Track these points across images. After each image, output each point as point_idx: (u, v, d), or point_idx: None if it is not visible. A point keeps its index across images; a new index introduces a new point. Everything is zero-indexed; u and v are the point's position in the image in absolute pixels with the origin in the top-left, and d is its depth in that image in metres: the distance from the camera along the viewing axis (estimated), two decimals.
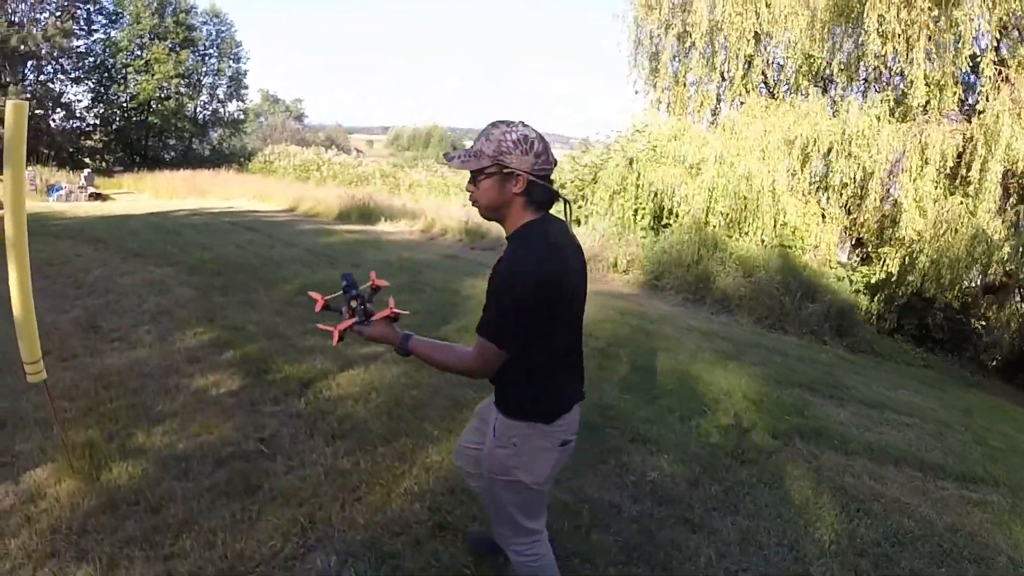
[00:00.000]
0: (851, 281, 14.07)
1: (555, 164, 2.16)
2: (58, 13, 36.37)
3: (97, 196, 25.54)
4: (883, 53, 13.52)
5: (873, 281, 13.99)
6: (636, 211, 15.12)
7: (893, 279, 13.50)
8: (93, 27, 40.38)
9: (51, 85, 38.35)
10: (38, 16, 36.08)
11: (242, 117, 48.37)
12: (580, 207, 16.32)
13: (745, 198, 14.04)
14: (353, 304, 2.29)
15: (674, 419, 5.51)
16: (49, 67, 38.24)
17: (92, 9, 39.86)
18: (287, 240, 13.16)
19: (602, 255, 13.48)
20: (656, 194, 14.82)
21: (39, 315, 3.74)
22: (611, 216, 15.28)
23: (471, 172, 2.13)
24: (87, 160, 38.40)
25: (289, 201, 21.63)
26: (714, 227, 14.09)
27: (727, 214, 14.25)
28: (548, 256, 2.07)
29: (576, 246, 2.30)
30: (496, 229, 15.04)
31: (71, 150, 38.41)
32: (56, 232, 15.13)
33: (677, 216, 14.53)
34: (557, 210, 2.26)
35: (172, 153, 43.81)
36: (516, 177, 2.06)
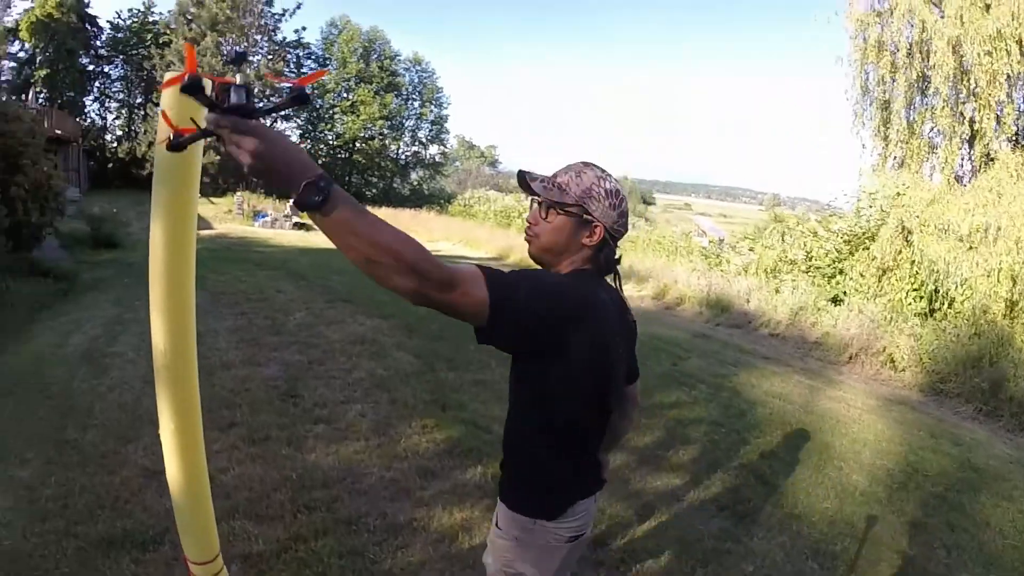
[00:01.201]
0: None
1: (627, 231, 1.94)
2: (270, 56, 39.29)
3: (300, 226, 26.31)
4: None
5: None
6: (908, 293, 12.69)
7: None
8: (302, 70, 42.94)
9: (262, 120, 39.61)
10: (251, 59, 38.52)
11: (442, 160, 49.33)
12: (836, 283, 14.05)
13: None
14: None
15: None
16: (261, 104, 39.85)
17: (301, 54, 43.61)
18: None
19: (872, 346, 11.20)
20: (932, 273, 12.44)
21: (230, 359, 2.42)
22: (880, 297, 12.85)
23: (543, 203, 1.86)
24: None
25: (496, 249, 20.78)
26: (1003, 316, 11.56)
27: (1017, 301, 11.70)
28: (594, 302, 1.76)
29: (631, 322, 2.04)
30: (738, 302, 13.37)
31: None
32: (258, 260, 14.91)
33: (952, 301, 12.10)
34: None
35: (374, 191, 45.71)
36: (594, 227, 1.85)
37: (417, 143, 47.84)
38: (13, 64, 38.75)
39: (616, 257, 1.95)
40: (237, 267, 13.65)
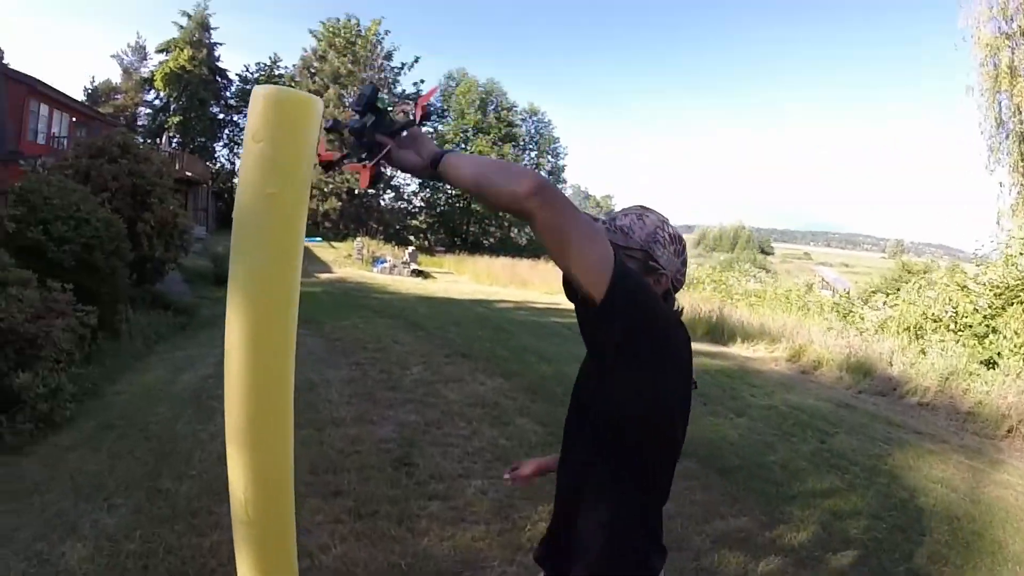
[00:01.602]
0: None
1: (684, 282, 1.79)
2: (390, 108, 39.01)
3: (419, 273, 26.34)
4: None
5: None
6: None
7: None
8: (422, 122, 43.10)
9: (383, 169, 40.97)
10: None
11: None
12: (988, 343, 12.22)
13: None
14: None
15: None
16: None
17: None
18: None
19: None
20: None
21: (341, 415, 1.97)
22: None
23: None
24: (411, 238, 41.43)
25: None
26: None
27: None
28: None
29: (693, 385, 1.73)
30: (880, 365, 12.10)
31: (397, 227, 41.99)
32: (377, 307, 14.65)
33: None
34: None
35: (491, 239, 45.81)
36: (660, 275, 1.70)
37: None
38: (149, 111, 42.72)
39: (678, 309, 1.77)
40: (355, 313, 13.48)
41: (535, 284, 24.79)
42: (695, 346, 7.10)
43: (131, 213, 14.26)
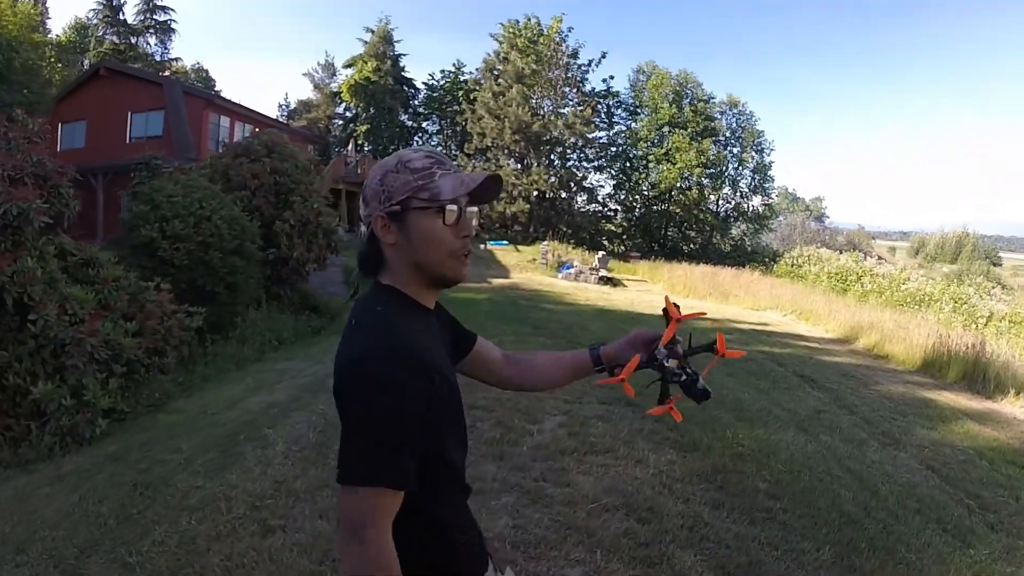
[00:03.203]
0: None
1: None
2: (580, 107, 38.20)
3: (607, 280, 23.77)
4: None
5: None
6: None
7: None
8: (614, 119, 42.34)
9: (575, 171, 40.45)
10: (561, 111, 38.47)
11: (766, 212, 44.35)
12: None
13: None
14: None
15: None
16: (574, 155, 40.60)
17: (611, 103, 41.97)
18: (878, 425, 7.54)
19: None
20: None
21: None
22: None
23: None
24: (605, 242, 39.44)
25: (841, 327, 15.67)
26: None
27: None
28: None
29: None
30: None
31: (591, 232, 39.39)
32: (539, 322, 12.42)
33: None
34: None
35: (692, 245, 41.76)
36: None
37: (738, 193, 43.33)
38: (340, 122, 45.02)
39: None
40: (509, 329, 11.27)
41: (738, 297, 21.32)
42: (947, 396, 9.28)
43: (272, 212, 13.85)
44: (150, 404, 7.75)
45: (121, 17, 44.22)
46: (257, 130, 27.34)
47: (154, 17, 45.15)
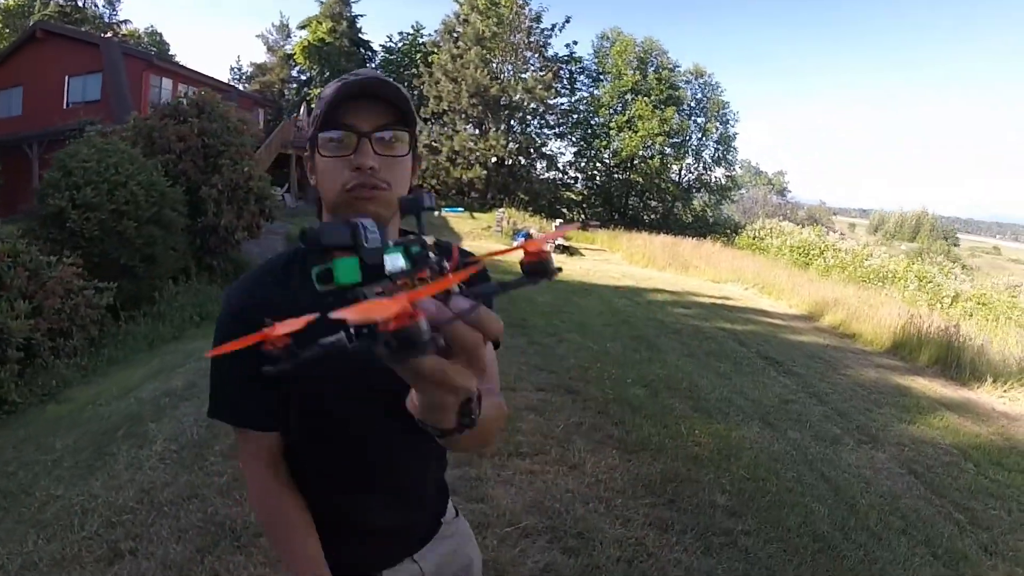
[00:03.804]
0: None
1: None
2: (541, 72, 37.10)
3: (564, 249, 22.83)
4: None
5: None
6: None
7: None
8: (576, 86, 41.19)
9: (535, 138, 39.29)
10: (522, 75, 37.28)
11: (729, 184, 43.70)
12: None
13: None
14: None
15: None
16: (535, 121, 39.36)
17: (574, 69, 40.69)
18: (852, 418, 6.58)
19: None
20: None
21: None
22: None
23: (401, 130, 1.22)
24: (564, 211, 38.57)
25: (804, 302, 14.80)
26: None
27: None
28: None
29: None
30: None
31: (550, 199, 38.50)
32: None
33: None
34: None
35: (653, 215, 40.96)
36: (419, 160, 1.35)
37: (701, 164, 42.58)
38: (295, 86, 43.14)
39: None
40: None
41: (699, 268, 20.25)
42: (921, 382, 8.79)
43: (199, 177, 12.76)
44: (44, 393, 7.05)
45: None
46: (201, 92, 26.69)
47: None
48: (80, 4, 41.29)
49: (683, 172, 41.94)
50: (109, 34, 33.31)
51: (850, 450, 5.51)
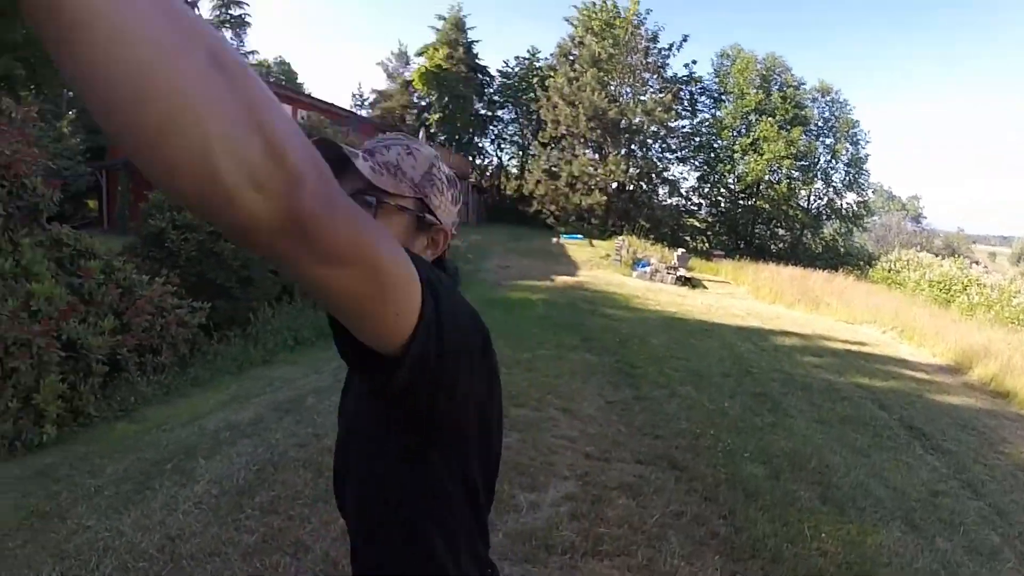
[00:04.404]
0: None
1: None
2: (660, 94, 36.02)
3: (686, 281, 21.62)
4: None
5: None
6: None
7: None
8: (697, 107, 40.09)
9: (656, 162, 38.04)
10: (641, 97, 36.34)
11: (861, 211, 41.11)
12: None
13: None
14: None
15: None
16: (656, 145, 38.03)
17: (694, 90, 39.51)
18: (1015, 522, 5.21)
19: None
20: None
21: None
22: None
23: (371, 195, 1.17)
24: (687, 239, 37.23)
25: (950, 350, 12.99)
26: None
27: None
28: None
29: None
30: None
31: (673, 227, 37.16)
32: (592, 332, 10.89)
33: None
34: None
35: (780, 244, 39.12)
36: (439, 232, 1.28)
37: (831, 189, 40.24)
38: (415, 111, 44.15)
39: (454, 270, 1.34)
40: (553, 337, 9.77)
41: (831, 306, 18.57)
42: None
43: None
44: (121, 409, 6.85)
45: (196, 12, 45.36)
46: (322, 118, 27.95)
47: (229, 12, 46.39)
48: None
49: (812, 198, 39.85)
50: None
51: (1011, 568, 4.46)
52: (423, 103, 43.81)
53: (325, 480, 4.31)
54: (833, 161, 39.50)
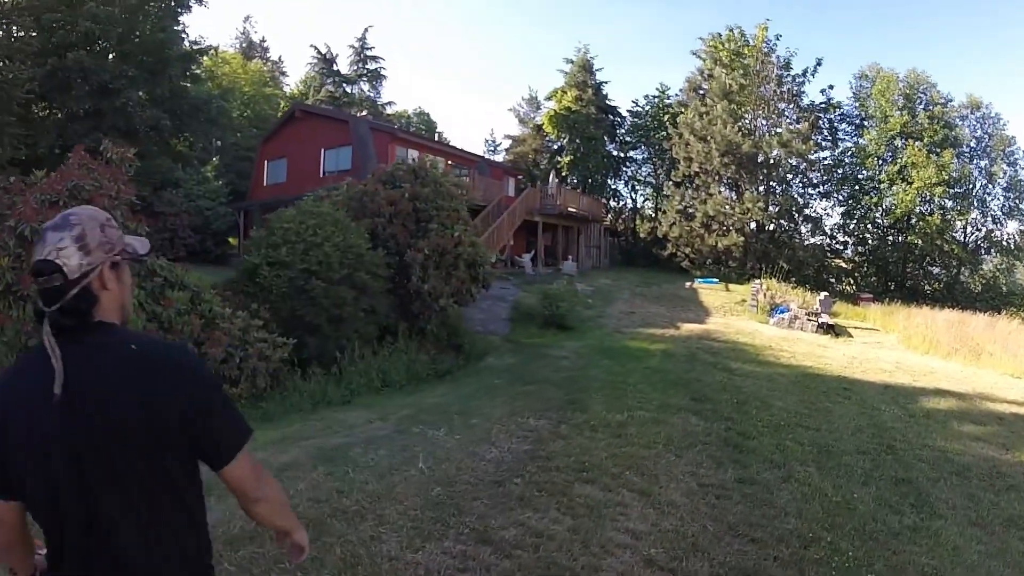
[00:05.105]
0: None
1: None
2: (797, 124, 33.54)
3: (828, 328, 19.38)
4: None
5: None
6: None
7: None
8: (838, 136, 37.17)
9: (797, 198, 35.57)
10: (777, 129, 33.94)
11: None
12: None
13: None
14: None
15: None
16: (796, 180, 35.70)
17: (833, 117, 36.52)
18: None
19: None
20: None
21: None
22: None
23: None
24: (832, 281, 34.38)
25: None
26: None
27: None
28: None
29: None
30: None
31: (816, 268, 34.23)
32: (705, 391, 9.81)
33: None
34: None
35: (934, 284, 34.87)
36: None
37: (989, 218, 35.34)
38: (547, 154, 44.76)
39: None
40: (658, 396, 8.88)
41: (993, 355, 15.75)
42: None
43: (408, 240, 12.98)
44: None
45: (335, 68, 51.51)
46: (449, 162, 29.33)
47: (366, 67, 52.21)
48: (348, 89, 51.30)
49: (968, 229, 35.42)
50: (364, 113, 38.80)
51: None
52: (555, 146, 43.86)
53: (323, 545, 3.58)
54: (990, 186, 35.10)
